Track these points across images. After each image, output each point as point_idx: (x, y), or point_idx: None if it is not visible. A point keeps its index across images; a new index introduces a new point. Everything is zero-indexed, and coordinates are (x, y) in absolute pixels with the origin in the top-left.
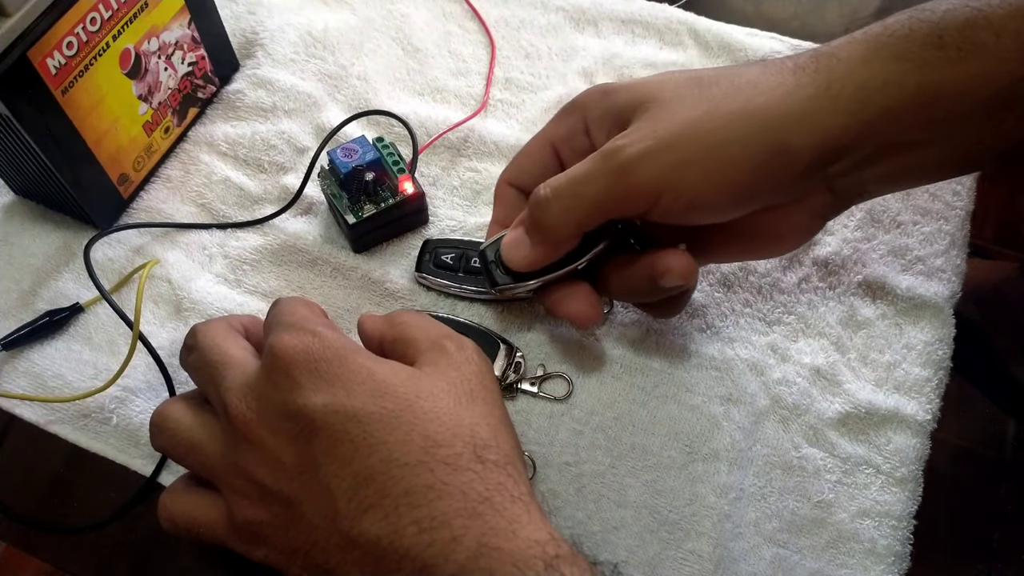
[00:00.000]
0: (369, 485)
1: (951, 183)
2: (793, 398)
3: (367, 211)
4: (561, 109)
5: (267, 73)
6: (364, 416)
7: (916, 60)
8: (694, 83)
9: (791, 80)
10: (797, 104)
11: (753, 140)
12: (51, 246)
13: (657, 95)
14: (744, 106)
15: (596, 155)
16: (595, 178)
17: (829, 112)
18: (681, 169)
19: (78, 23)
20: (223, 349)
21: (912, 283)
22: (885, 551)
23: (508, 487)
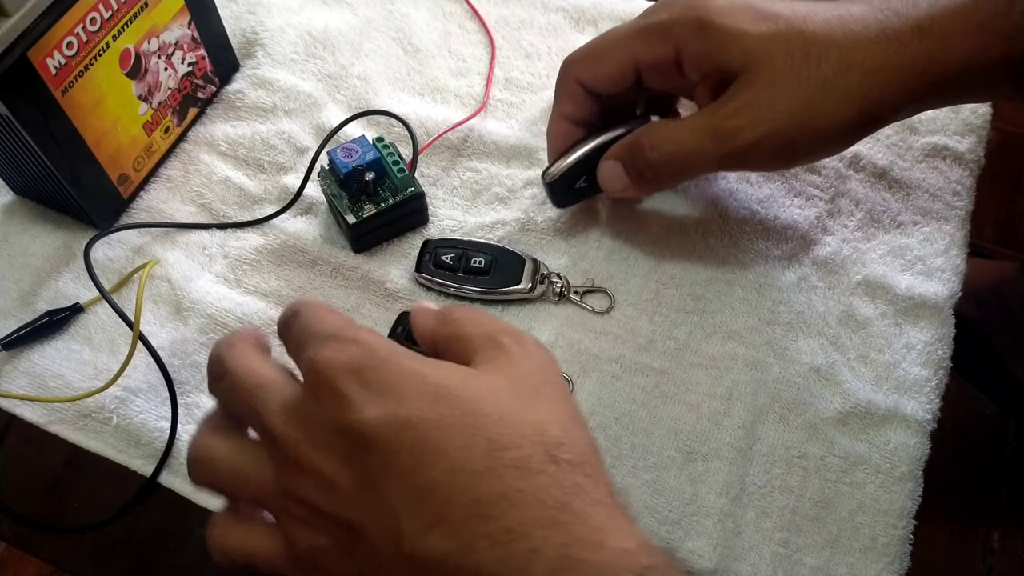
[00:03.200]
0: (432, 499)
1: (951, 183)
2: (793, 397)
3: (367, 211)
4: (647, 27)
5: (267, 73)
6: (421, 424)
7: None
8: (804, 54)
9: (895, 59)
10: (898, 88)
11: (856, 127)
12: (51, 246)
13: (767, 62)
14: (854, 95)
15: (706, 130)
16: (704, 155)
17: (924, 92)
18: (788, 156)
19: (78, 23)
20: (257, 371)
21: (912, 283)
22: (885, 550)
23: (587, 489)
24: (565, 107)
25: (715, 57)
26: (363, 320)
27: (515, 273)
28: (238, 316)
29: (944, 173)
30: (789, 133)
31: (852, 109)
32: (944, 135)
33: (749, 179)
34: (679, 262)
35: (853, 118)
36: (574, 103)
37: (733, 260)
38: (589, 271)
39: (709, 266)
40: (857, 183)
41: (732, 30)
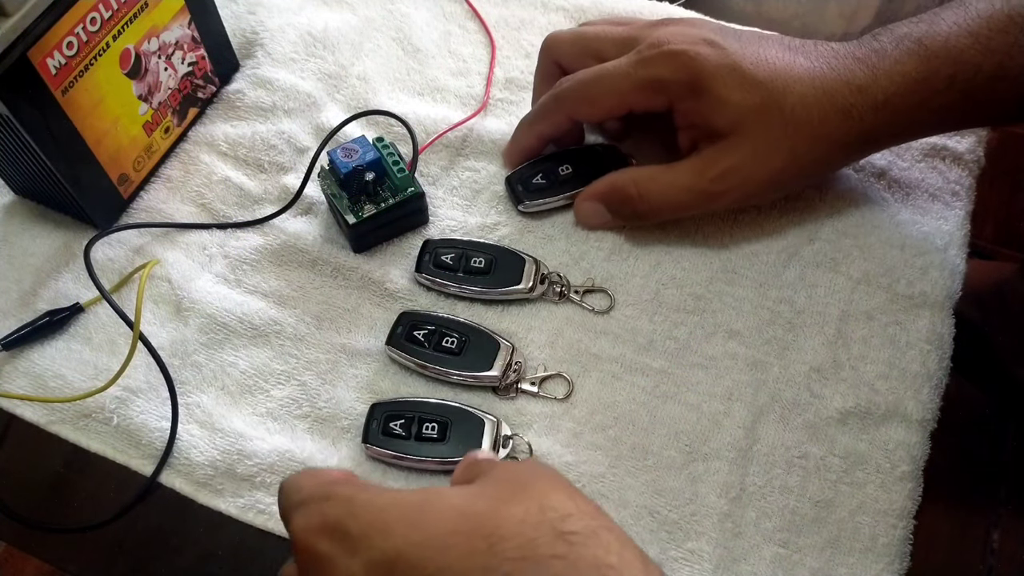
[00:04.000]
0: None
1: (950, 183)
2: (793, 397)
3: (367, 211)
4: (646, 81)
5: (267, 73)
6: (411, 550)
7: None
8: (782, 129)
9: (855, 132)
10: (853, 154)
11: (813, 182)
12: (51, 246)
13: (750, 133)
14: (818, 163)
15: (694, 190)
16: (689, 210)
17: (869, 152)
18: (756, 201)
19: (78, 23)
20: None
21: (912, 282)
22: (885, 550)
23: (612, 565)
24: (545, 129)
25: (705, 119)
26: (363, 320)
27: (515, 273)
28: (238, 316)
29: (943, 173)
30: (760, 194)
31: (815, 174)
32: (944, 135)
33: None
34: (679, 262)
35: (813, 178)
36: (556, 129)
37: (733, 260)
38: (589, 271)
39: (709, 266)
40: (857, 183)
41: (722, 98)
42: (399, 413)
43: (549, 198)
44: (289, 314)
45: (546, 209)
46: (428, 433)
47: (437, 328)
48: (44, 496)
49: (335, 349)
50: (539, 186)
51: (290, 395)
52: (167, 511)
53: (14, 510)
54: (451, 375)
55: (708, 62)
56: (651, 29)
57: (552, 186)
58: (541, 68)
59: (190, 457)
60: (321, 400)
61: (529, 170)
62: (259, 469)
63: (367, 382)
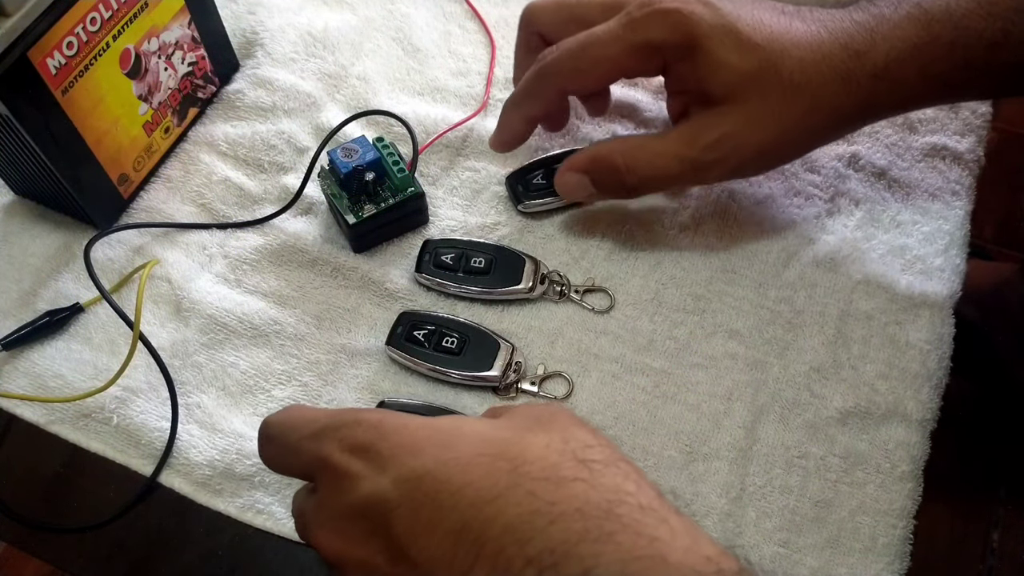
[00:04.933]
0: (464, 539)
1: (950, 183)
2: (793, 397)
3: (367, 211)
4: (638, 45)
5: (267, 73)
6: (438, 469)
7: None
8: (779, 96)
9: (852, 100)
10: (848, 124)
11: (807, 152)
12: (51, 246)
13: (744, 100)
14: (814, 134)
15: (685, 160)
16: (679, 181)
17: (866, 122)
18: (750, 176)
19: (78, 23)
20: (298, 506)
21: (911, 282)
22: (885, 550)
23: (630, 490)
24: (535, 109)
25: (698, 83)
26: (363, 320)
27: (515, 273)
28: (238, 316)
29: (943, 173)
30: (754, 166)
31: (810, 144)
32: (943, 135)
33: (749, 179)
34: (679, 262)
35: (808, 150)
36: (546, 107)
37: (733, 260)
38: (589, 270)
39: (709, 266)
40: (856, 183)
41: (718, 61)
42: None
43: (549, 198)
44: (289, 314)
45: (546, 209)
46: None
47: (437, 328)
48: (44, 496)
49: (335, 349)
50: (539, 186)
51: (291, 395)
52: (167, 511)
53: (14, 510)
54: (451, 375)
55: (703, 22)
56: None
57: (552, 186)
58: (522, 41)
59: (190, 457)
60: (322, 401)
61: (529, 170)
62: (258, 469)
63: (367, 382)
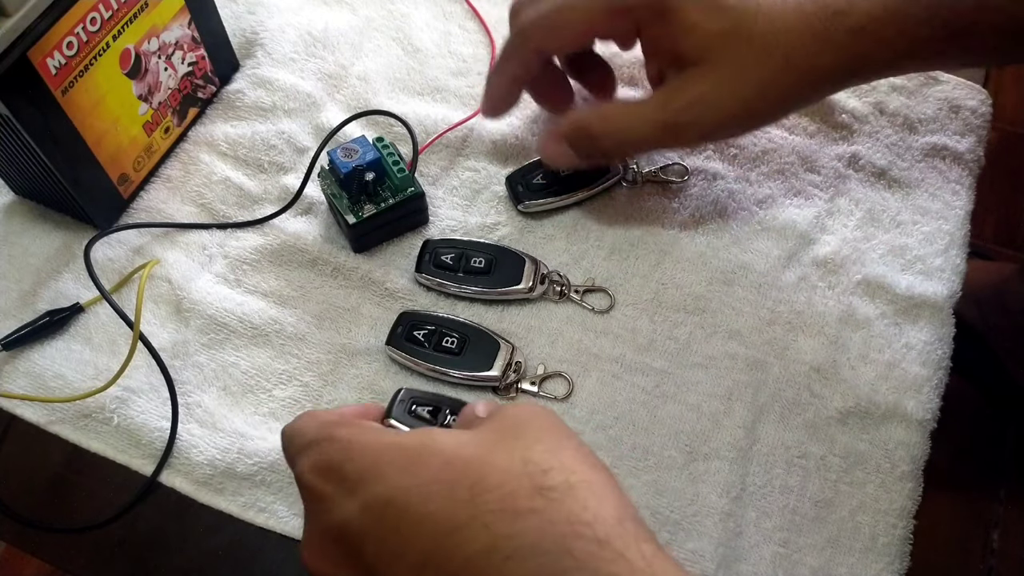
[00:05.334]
0: (426, 572)
1: (950, 183)
2: (793, 397)
3: (367, 211)
4: (611, 5)
5: (267, 73)
6: (400, 495)
7: None
8: (751, 55)
9: (830, 60)
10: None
11: (784, 116)
12: (51, 246)
13: (716, 60)
14: (789, 94)
15: (658, 123)
16: (654, 143)
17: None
18: (725, 138)
19: (78, 23)
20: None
21: (911, 282)
22: (885, 550)
23: (587, 522)
24: (517, 70)
25: (672, 45)
26: (363, 320)
27: (515, 273)
28: (238, 316)
29: (943, 173)
30: (730, 127)
31: (788, 105)
32: (943, 135)
33: (749, 179)
34: (679, 262)
35: (786, 112)
36: (527, 68)
37: (733, 260)
38: (589, 271)
39: (709, 266)
40: (857, 183)
41: (689, 22)
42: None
43: (549, 198)
44: (289, 314)
45: (546, 209)
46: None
47: (437, 328)
48: (44, 496)
49: (335, 349)
50: (539, 186)
51: (292, 395)
52: (167, 511)
53: (14, 510)
54: (451, 375)
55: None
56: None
57: (552, 185)
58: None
59: (190, 457)
60: (323, 401)
61: (529, 170)
62: (259, 468)
63: (367, 382)
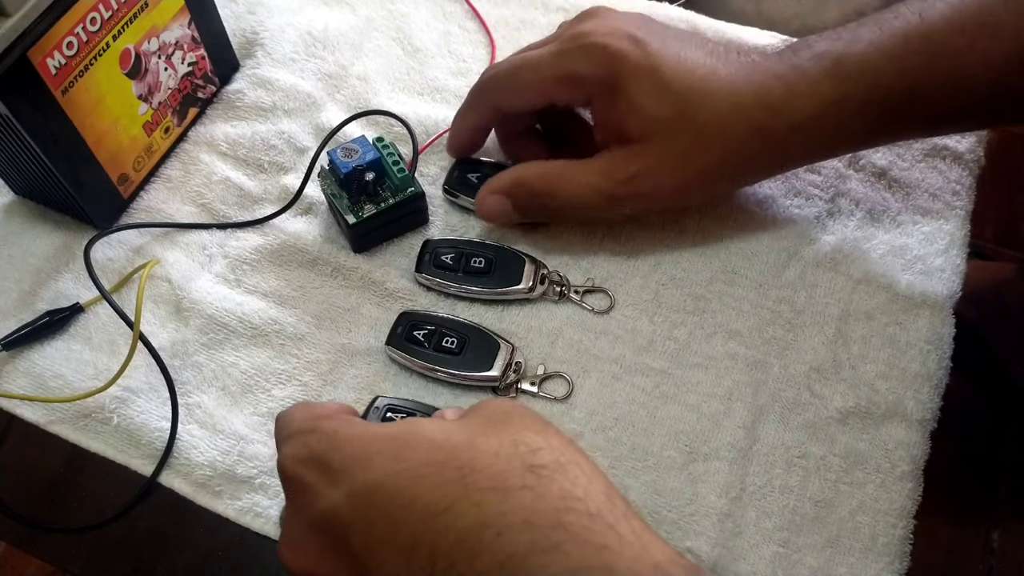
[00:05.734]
0: (417, 554)
1: (951, 183)
2: (793, 397)
3: (367, 211)
4: (567, 75)
5: (267, 73)
6: (389, 480)
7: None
8: (692, 141)
9: (766, 152)
10: (761, 172)
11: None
12: (51, 246)
13: (658, 141)
14: (724, 178)
15: (602, 192)
16: (593, 204)
17: (776, 172)
18: (663, 207)
19: (78, 23)
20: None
21: (912, 282)
22: (885, 550)
23: (578, 496)
24: (477, 120)
25: (618, 120)
26: (363, 320)
27: (515, 273)
28: (238, 316)
29: (944, 173)
30: (667, 202)
31: (727, 187)
32: (944, 135)
33: None
34: (679, 262)
35: (728, 190)
36: (487, 120)
37: (733, 260)
38: (589, 271)
39: (709, 266)
40: (857, 183)
41: (636, 103)
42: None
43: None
44: (289, 314)
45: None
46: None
47: (437, 328)
48: (44, 496)
49: (335, 349)
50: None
51: (291, 395)
52: (167, 511)
53: (14, 510)
54: (451, 375)
55: (627, 61)
56: (580, 18)
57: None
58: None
59: (190, 457)
60: (322, 400)
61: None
62: (259, 471)
63: (367, 382)
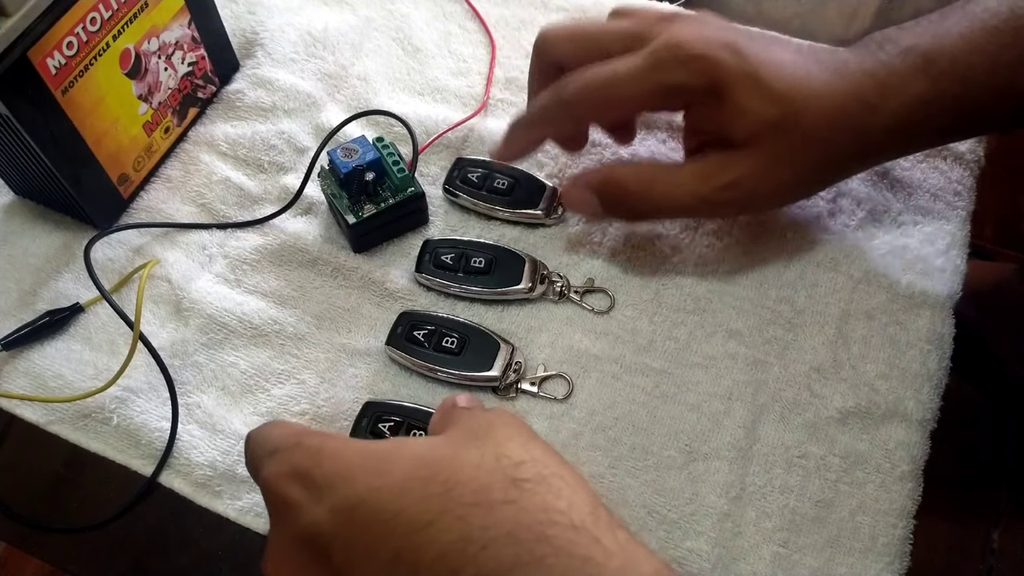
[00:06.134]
0: (399, 568)
1: (952, 183)
2: (793, 397)
3: (367, 211)
4: (666, 87)
5: (267, 73)
6: (372, 495)
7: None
8: (796, 146)
9: (861, 153)
10: (855, 172)
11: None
12: (51, 246)
13: (763, 147)
14: (823, 182)
15: (697, 196)
16: (689, 208)
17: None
18: (757, 211)
19: (78, 23)
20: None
21: (912, 282)
22: (885, 550)
23: (562, 509)
24: (549, 133)
25: (719, 125)
26: (363, 320)
27: (515, 273)
28: (238, 316)
29: (945, 173)
30: (763, 206)
31: (819, 188)
32: None
33: None
34: (679, 262)
35: (818, 191)
36: (561, 133)
37: (733, 260)
38: (589, 271)
39: (709, 266)
40: (858, 183)
41: (742, 107)
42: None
43: (472, 198)
44: (289, 314)
45: (465, 206)
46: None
47: (437, 328)
48: (44, 496)
49: (335, 349)
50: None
51: (289, 392)
52: (167, 511)
53: (14, 510)
54: (451, 375)
55: (729, 69)
56: (661, 25)
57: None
58: (538, 68)
59: (190, 458)
60: (320, 398)
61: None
62: None
63: (367, 382)
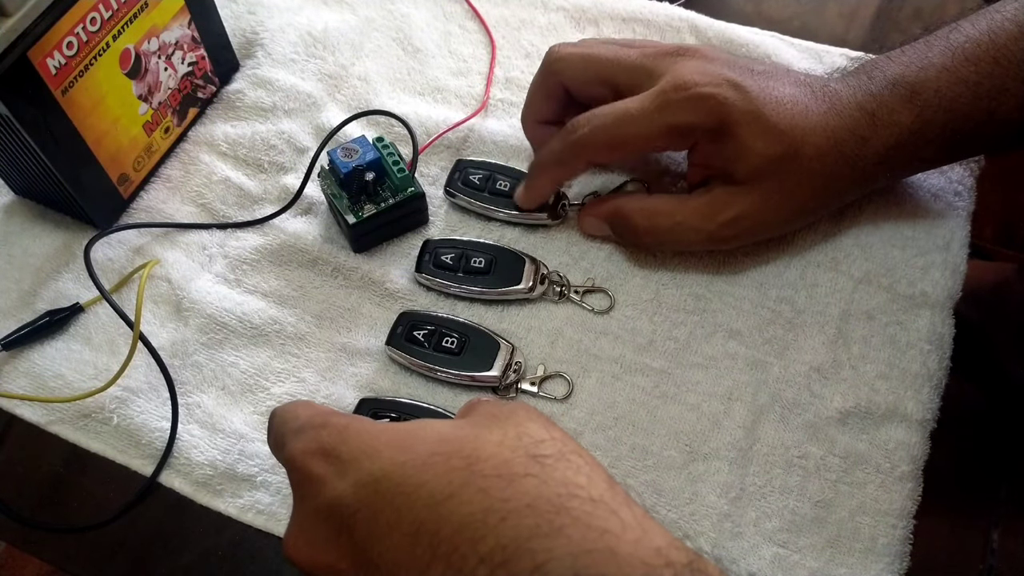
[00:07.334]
0: (420, 539)
1: (952, 183)
2: (793, 397)
3: (367, 211)
4: (674, 126)
5: (267, 73)
6: (396, 470)
7: None
8: (795, 181)
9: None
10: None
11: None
12: (51, 246)
13: (764, 183)
14: (819, 212)
15: (702, 231)
16: (692, 242)
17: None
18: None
19: (78, 23)
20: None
21: (912, 282)
22: (885, 550)
23: (581, 484)
24: (564, 175)
25: (725, 164)
26: (363, 320)
27: (515, 273)
28: (238, 316)
29: (945, 173)
30: (764, 236)
31: (814, 217)
32: None
33: None
34: (679, 262)
35: (813, 220)
36: (575, 174)
37: (733, 259)
38: (589, 271)
39: (709, 266)
40: None
41: (746, 146)
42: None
43: (475, 200)
44: (289, 314)
45: (466, 207)
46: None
47: (437, 328)
48: (44, 496)
49: (335, 349)
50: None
51: (289, 390)
52: (167, 511)
53: (14, 510)
54: (451, 375)
55: (734, 108)
56: (667, 61)
57: (486, 191)
58: (545, 86)
59: (190, 457)
60: (320, 396)
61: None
62: (260, 469)
63: (367, 382)
